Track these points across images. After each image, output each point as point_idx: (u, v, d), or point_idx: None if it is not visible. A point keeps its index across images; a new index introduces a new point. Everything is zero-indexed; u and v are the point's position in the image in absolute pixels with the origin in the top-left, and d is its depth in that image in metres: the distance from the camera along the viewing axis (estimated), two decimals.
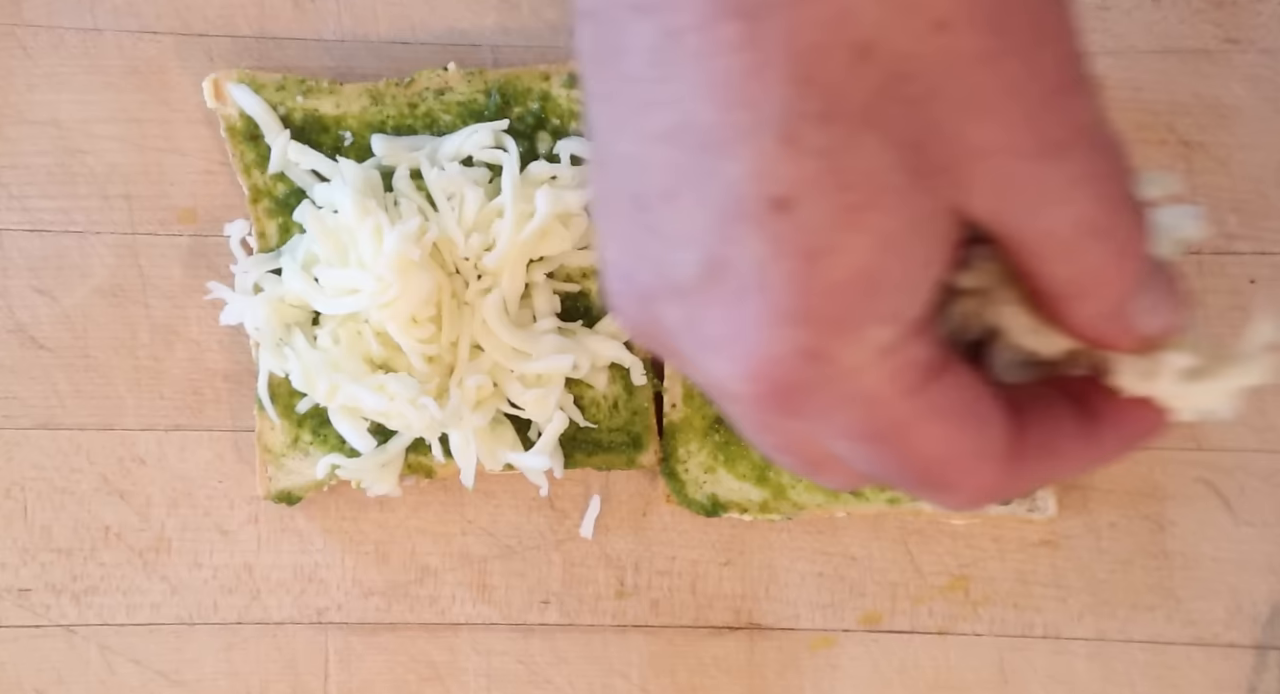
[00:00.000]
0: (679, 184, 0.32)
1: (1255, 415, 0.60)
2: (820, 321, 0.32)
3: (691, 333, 0.34)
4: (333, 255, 0.56)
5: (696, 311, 0.33)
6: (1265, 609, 0.60)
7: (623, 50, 0.32)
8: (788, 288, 0.32)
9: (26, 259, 0.60)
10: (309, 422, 0.58)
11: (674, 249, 0.33)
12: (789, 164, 0.31)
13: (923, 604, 0.60)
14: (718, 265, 0.32)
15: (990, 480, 0.36)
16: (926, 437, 0.35)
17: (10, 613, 0.60)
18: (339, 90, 0.59)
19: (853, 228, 0.31)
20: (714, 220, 0.32)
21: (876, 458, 0.35)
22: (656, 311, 0.34)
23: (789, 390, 0.33)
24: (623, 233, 0.34)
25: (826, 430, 0.35)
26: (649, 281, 0.34)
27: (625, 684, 0.60)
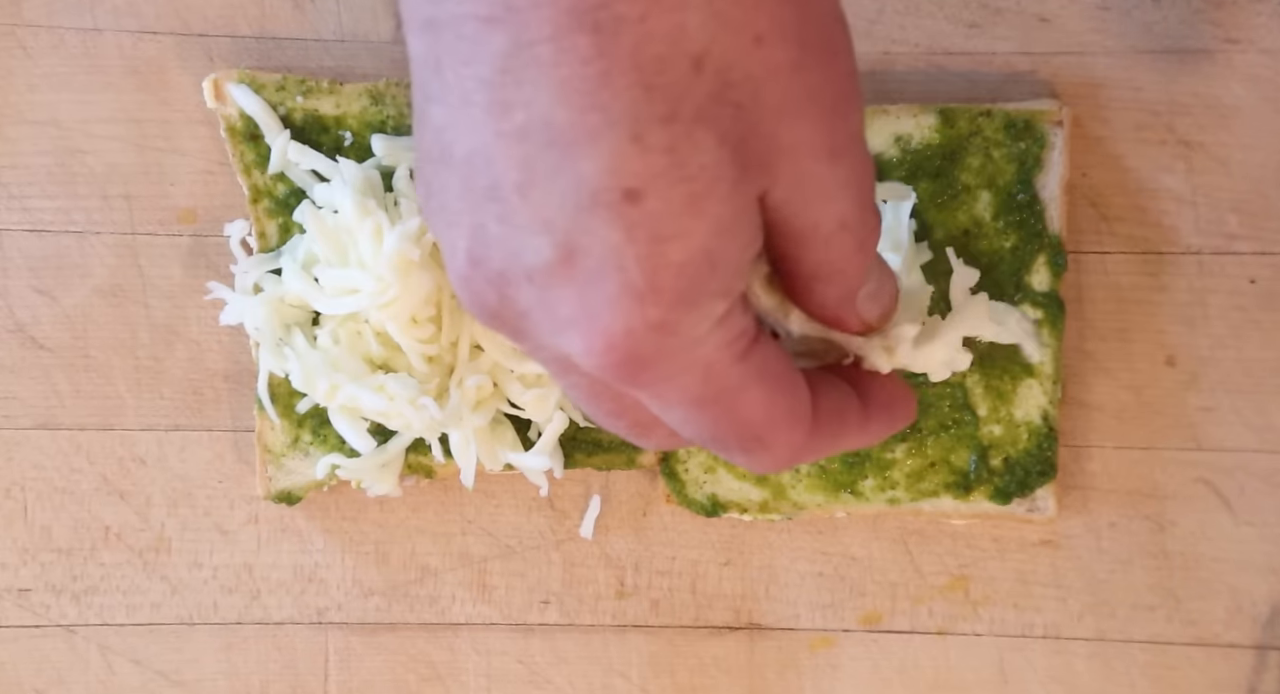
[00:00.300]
0: (532, 177, 0.36)
1: (1255, 415, 0.60)
2: (668, 298, 0.36)
3: (543, 313, 0.37)
4: (333, 255, 0.56)
5: (549, 293, 0.37)
6: (1265, 609, 0.60)
7: (472, 59, 0.35)
8: (640, 269, 0.36)
9: (26, 259, 0.60)
10: (309, 422, 0.58)
11: (528, 236, 0.36)
12: (638, 160, 0.35)
13: (923, 604, 0.60)
14: (571, 251, 0.36)
15: (800, 441, 0.41)
16: (751, 400, 0.39)
17: (10, 613, 0.60)
18: (339, 90, 0.59)
19: (694, 214, 0.36)
20: (568, 210, 0.35)
21: (705, 420, 0.39)
22: (508, 294, 0.37)
23: (637, 362, 0.37)
24: (472, 222, 0.37)
25: (663, 398, 0.39)
26: (501, 266, 0.37)
27: (625, 684, 0.60)
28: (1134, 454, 0.60)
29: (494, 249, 0.37)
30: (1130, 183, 0.60)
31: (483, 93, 0.35)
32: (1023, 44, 0.60)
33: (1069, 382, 0.59)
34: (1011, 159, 0.58)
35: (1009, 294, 0.58)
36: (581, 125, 0.35)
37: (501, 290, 0.37)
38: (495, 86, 0.35)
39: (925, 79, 0.60)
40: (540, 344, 0.39)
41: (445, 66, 0.36)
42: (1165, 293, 0.60)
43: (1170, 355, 0.60)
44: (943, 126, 0.58)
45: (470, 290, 0.38)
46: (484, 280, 0.38)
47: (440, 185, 0.38)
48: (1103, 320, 0.60)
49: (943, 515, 0.59)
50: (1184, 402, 0.60)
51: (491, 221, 0.37)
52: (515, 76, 0.35)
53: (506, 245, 0.37)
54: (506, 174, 0.36)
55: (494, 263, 0.37)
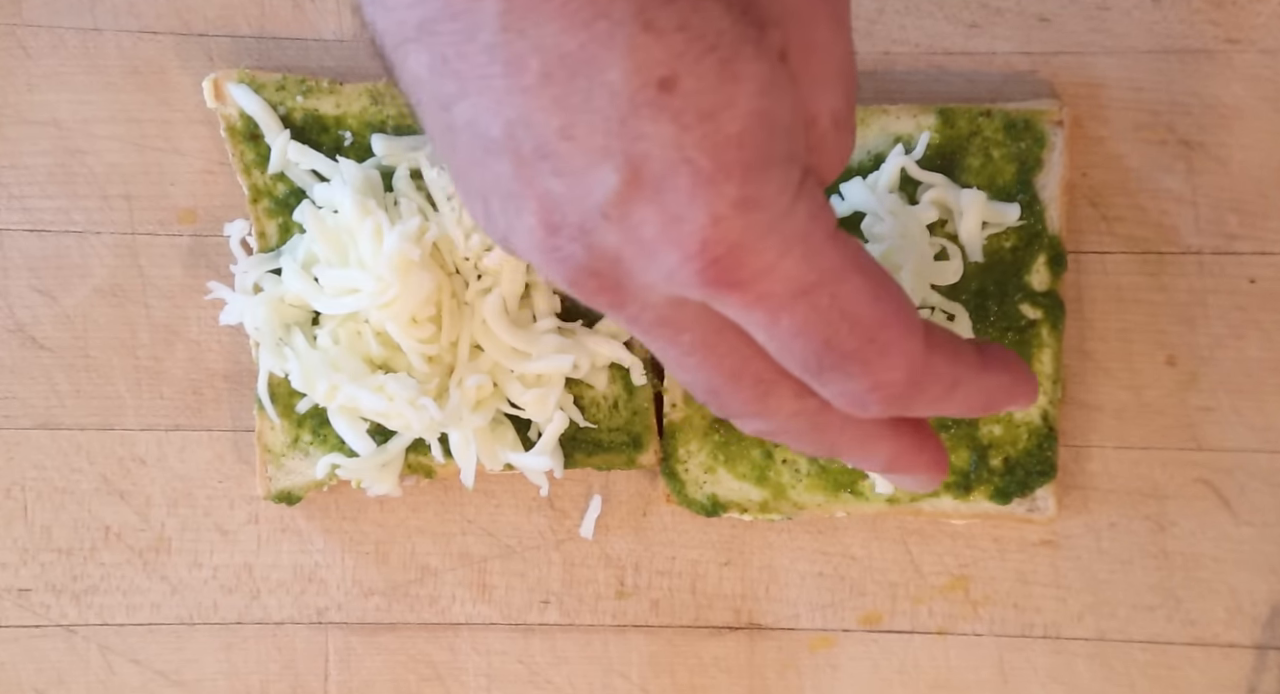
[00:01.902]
0: (571, 114, 0.36)
1: (1255, 415, 0.60)
2: (739, 171, 0.36)
3: (632, 245, 0.37)
4: (333, 255, 0.56)
5: (629, 221, 0.36)
6: (1265, 609, 0.60)
7: (473, 32, 0.36)
8: (701, 151, 0.35)
9: (26, 259, 0.60)
10: (309, 422, 0.58)
11: (589, 174, 0.36)
12: (658, 46, 0.35)
13: (923, 604, 0.60)
14: (634, 165, 0.36)
15: (918, 352, 0.39)
16: (858, 288, 0.38)
17: (10, 613, 0.60)
18: (339, 90, 0.59)
19: (732, 79, 0.35)
20: (615, 126, 0.35)
21: (816, 319, 0.38)
22: (593, 243, 0.37)
23: (736, 252, 0.36)
24: (535, 192, 0.37)
25: (771, 298, 0.37)
26: (577, 217, 0.37)
27: (625, 684, 0.60)
28: (1134, 454, 0.60)
29: (565, 205, 0.37)
30: (1130, 183, 0.60)
31: (495, 61, 0.36)
32: (1023, 44, 0.60)
33: (1069, 382, 0.59)
34: (1011, 159, 0.58)
35: (1009, 294, 0.58)
36: (593, 39, 0.35)
37: (587, 242, 0.37)
38: (503, 47, 0.35)
39: (925, 79, 0.60)
40: (642, 288, 0.38)
41: (451, 58, 0.36)
42: (1165, 293, 0.60)
43: (1170, 355, 0.60)
44: (943, 126, 0.58)
45: (559, 259, 0.38)
46: (568, 240, 0.37)
47: (493, 180, 0.38)
48: (1103, 320, 0.60)
49: (943, 515, 0.59)
50: (1184, 402, 0.60)
51: (551, 180, 0.36)
52: (517, 28, 0.35)
53: (574, 194, 0.36)
54: (548, 124, 0.36)
55: (570, 217, 0.37)
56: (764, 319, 0.38)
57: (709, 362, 0.40)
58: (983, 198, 0.56)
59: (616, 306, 0.39)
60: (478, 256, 0.56)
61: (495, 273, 0.56)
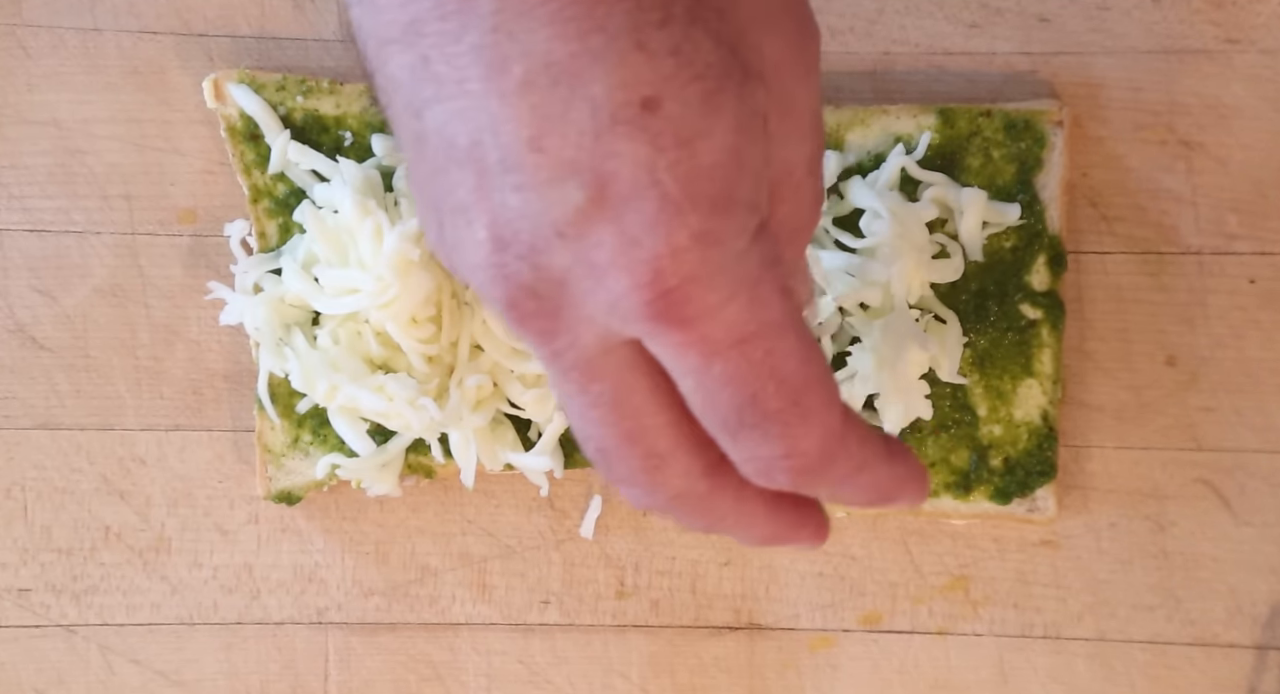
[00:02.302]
0: (545, 124, 0.35)
1: (1255, 415, 0.60)
2: (705, 203, 0.36)
3: (583, 266, 0.36)
4: (333, 255, 0.56)
5: (585, 241, 0.36)
6: (1265, 609, 0.60)
7: (461, 33, 0.35)
8: (672, 177, 0.35)
9: (26, 259, 0.60)
10: (309, 422, 0.58)
11: (553, 188, 0.36)
12: (647, 66, 0.35)
13: (923, 604, 0.60)
14: (601, 183, 0.35)
15: (835, 426, 0.39)
16: (792, 348, 0.38)
17: (10, 613, 0.60)
18: (339, 90, 0.59)
19: (713, 112, 0.35)
20: (589, 140, 0.35)
21: (747, 370, 0.37)
22: (541, 262, 0.36)
23: (686, 286, 0.36)
24: (489, 206, 0.36)
25: (707, 340, 0.37)
26: (529, 235, 0.36)
27: (625, 684, 0.60)
28: (1134, 454, 0.60)
29: (519, 220, 0.36)
30: (1130, 183, 0.60)
31: (478, 64, 0.35)
32: (1023, 44, 0.60)
33: (1069, 382, 0.59)
34: (1011, 159, 0.58)
35: (1009, 294, 0.58)
36: (583, 50, 0.35)
37: (534, 261, 0.37)
38: (489, 48, 0.35)
39: (925, 79, 0.60)
40: (578, 320, 0.37)
41: (433, 60, 0.36)
42: (1165, 293, 0.60)
43: (1170, 355, 0.60)
44: (943, 126, 0.58)
45: (502, 275, 0.37)
46: (514, 257, 0.37)
47: (449, 190, 0.37)
48: (1103, 320, 0.60)
49: (943, 515, 0.59)
50: (1184, 402, 0.60)
51: (510, 194, 0.36)
52: (507, 30, 0.35)
53: (531, 210, 0.36)
54: (518, 134, 0.35)
55: (522, 235, 0.36)
56: (697, 363, 0.37)
57: (609, 419, 0.39)
58: (983, 197, 0.56)
59: (545, 337, 0.38)
60: None
61: None
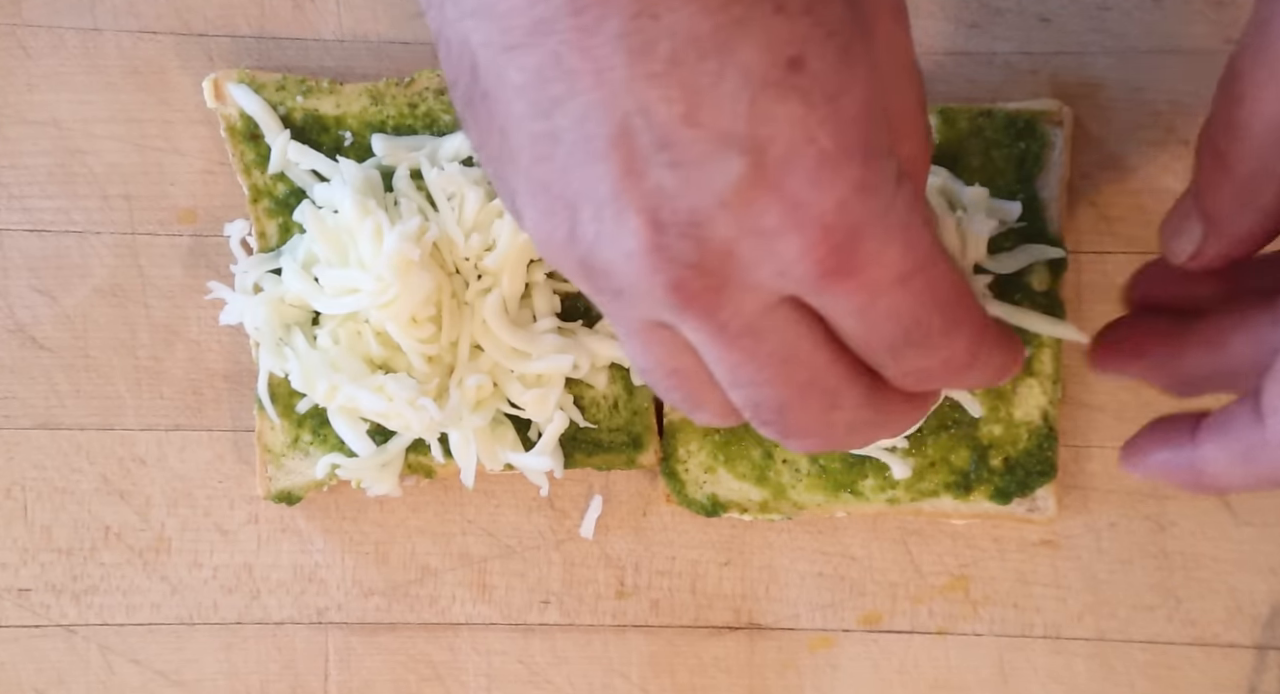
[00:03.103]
0: (697, 98, 0.36)
1: None
2: (859, 153, 0.37)
3: (750, 236, 0.37)
4: (333, 255, 0.56)
5: (750, 210, 0.37)
6: (1265, 609, 0.60)
7: (602, 20, 0.36)
8: (826, 132, 0.36)
9: (26, 259, 0.60)
10: (309, 422, 0.58)
11: (710, 162, 0.36)
12: (788, 27, 0.36)
13: (923, 604, 0.60)
14: (759, 149, 0.36)
15: (981, 326, 0.42)
16: (944, 273, 0.40)
17: (10, 613, 0.60)
18: (339, 90, 0.59)
19: (850, 64, 0.37)
20: (743, 107, 0.36)
21: (911, 301, 0.39)
22: (705, 236, 0.37)
23: (854, 236, 0.37)
24: (642, 191, 0.37)
25: (874, 284, 0.38)
26: (689, 211, 0.37)
27: (625, 684, 0.60)
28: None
29: (677, 199, 0.37)
30: (1130, 183, 0.60)
31: (620, 51, 0.36)
32: (1023, 44, 0.60)
33: (1069, 382, 0.59)
34: (1011, 159, 0.58)
35: (1009, 294, 0.58)
36: (728, 20, 0.36)
37: (698, 236, 0.37)
38: (633, 33, 0.36)
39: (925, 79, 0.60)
40: (745, 289, 0.38)
41: (566, 55, 0.36)
42: None
43: None
44: (943, 126, 0.58)
45: (666, 259, 0.38)
46: (677, 236, 0.37)
47: (591, 184, 0.37)
48: (1103, 320, 0.60)
49: (943, 515, 0.59)
50: (1184, 402, 0.60)
51: (665, 173, 0.37)
52: (650, 14, 0.36)
53: (689, 185, 0.37)
54: (670, 111, 0.36)
55: (681, 213, 0.37)
56: (862, 303, 0.39)
57: (783, 374, 0.41)
58: (984, 194, 0.56)
59: (711, 311, 0.39)
60: (478, 256, 0.56)
61: (495, 273, 0.56)
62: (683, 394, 0.43)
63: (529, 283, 0.57)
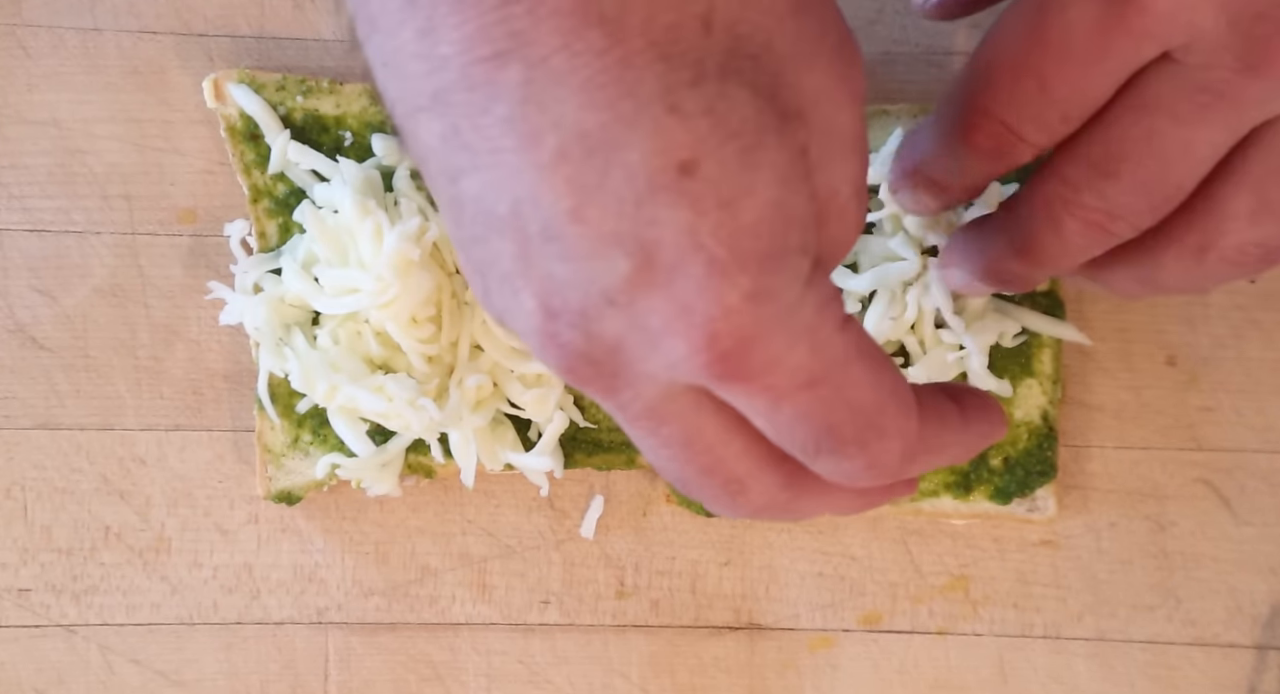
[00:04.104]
0: (583, 196, 0.35)
1: (1255, 415, 0.60)
2: (754, 261, 0.35)
3: (636, 333, 0.36)
4: (333, 255, 0.56)
5: (636, 308, 0.36)
6: (1265, 609, 0.60)
7: (490, 104, 0.35)
8: (717, 240, 0.35)
9: (26, 259, 0.60)
10: (309, 422, 0.58)
11: (597, 259, 0.35)
12: (681, 129, 0.34)
13: (923, 604, 0.60)
14: (646, 252, 0.35)
15: (912, 431, 0.39)
16: (860, 378, 0.38)
17: (10, 613, 0.60)
18: (339, 90, 0.59)
19: (752, 168, 0.35)
20: (629, 210, 0.35)
21: (818, 408, 0.38)
22: (594, 331, 0.36)
23: (743, 343, 0.36)
24: (537, 275, 0.36)
25: (773, 389, 0.37)
26: (579, 304, 0.36)
27: (625, 684, 0.60)
28: (1134, 454, 0.60)
29: (567, 290, 0.36)
30: None
31: (510, 134, 0.35)
32: None
33: (1069, 382, 0.59)
34: None
35: (1010, 295, 0.58)
36: (615, 119, 0.34)
37: (587, 329, 0.36)
38: (520, 120, 0.35)
39: (925, 79, 0.60)
40: (638, 378, 0.37)
41: (464, 129, 0.35)
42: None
43: (1170, 355, 0.60)
44: None
45: (555, 344, 0.37)
46: (566, 326, 0.36)
47: (492, 258, 0.37)
48: (1103, 320, 0.60)
49: (943, 515, 0.59)
50: (1184, 402, 0.60)
51: (556, 264, 0.36)
52: (537, 102, 0.34)
53: (578, 279, 0.36)
54: (557, 205, 0.35)
55: (571, 303, 0.36)
56: (765, 406, 0.38)
57: (684, 456, 0.40)
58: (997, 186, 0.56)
59: (608, 394, 0.38)
60: None
61: None
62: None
63: None
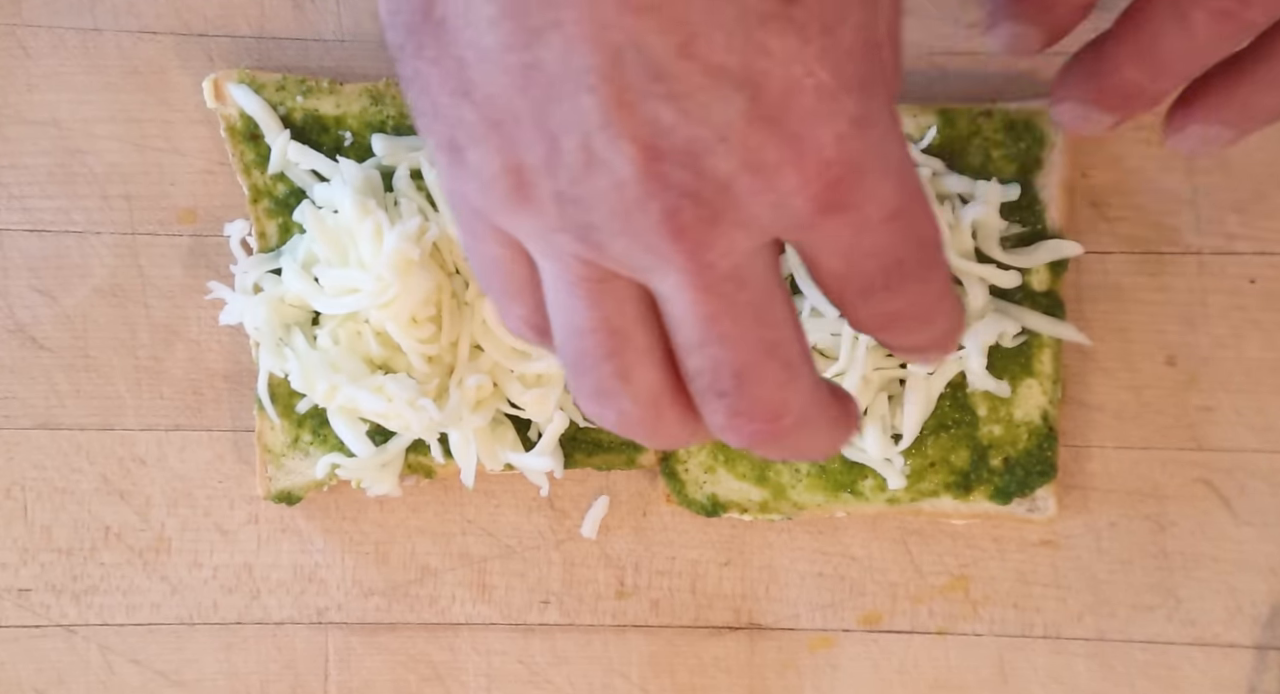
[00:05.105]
0: (691, 31, 0.35)
1: (1255, 415, 0.60)
2: (856, 86, 0.36)
3: (749, 169, 0.36)
4: (333, 255, 0.56)
5: (748, 143, 0.36)
6: (1265, 609, 0.60)
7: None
8: (823, 65, 0.35)
9: (26, 259, 0.60)
10: (309, 422, 0.58)
11: (707, 95, 0.35)
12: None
13: (923, 604, 0.60)
14: (756, 83, 0.35)
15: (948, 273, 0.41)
16: (926, 211, 0.39)
17: (10, 613, 0.60)
18: (339, 90, 0.59)
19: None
20: (739, 44, 0.35)
21: (897, 237, 0.39)
22: (704, 167, 0.36)
23: (852, 171, 0.37)
24: (636, 121, 0.36)
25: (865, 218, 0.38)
26: (687, 142, 0.36)
27: (625, 684, 0.60)
28: (1134, 454, 0.60)
29: (675, 130, 0.36)
30: (1130, 183, 0.60)
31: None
32: None
33: (1069, 382, 0.59)
34: (1011, 159, 0.58)
35: (1009, 294, 0.58)
36: None
37: (697, 167, 0.36)
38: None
39: (925, 79, 0.60)
40: (736, 226, 0.37)
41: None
42: (1165, 293, 0.60)
43: (1170, 355, 0.60)
44: (943, 126, 0.58)
45: (661, 185, 0.37)
46: (674, 165, 0.36)
47: (577, 115, 0.36)
48: (1103, 320, 0.60)
49: (943, 515, 0.59)
50: (1184, 402, 0.60)
51: (660, 105, 0.36)
52: None
53: (687, 117, 0.36)
54: (665, 44, 0.35)
55: (679, 142, 0.36)
56: (849, 239, 0.38)
57: (754, 333, 0.39)
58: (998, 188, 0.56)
59: (701, 247, 0.38)
60: None
61: None
62: (614, 364, 0.40)
63: None
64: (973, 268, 0.56)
